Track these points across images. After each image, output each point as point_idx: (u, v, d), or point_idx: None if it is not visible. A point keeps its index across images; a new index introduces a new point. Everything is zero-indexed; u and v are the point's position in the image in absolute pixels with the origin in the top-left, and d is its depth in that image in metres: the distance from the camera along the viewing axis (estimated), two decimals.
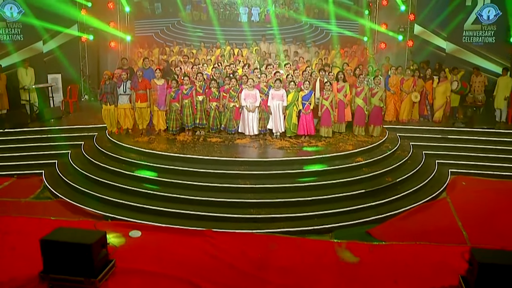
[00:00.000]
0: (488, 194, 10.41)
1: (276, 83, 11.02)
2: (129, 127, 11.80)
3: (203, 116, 11.38)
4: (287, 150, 10.35)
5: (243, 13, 21.74)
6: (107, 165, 10.12)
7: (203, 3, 21.35)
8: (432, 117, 13.86)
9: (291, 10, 21.17)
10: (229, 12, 21.49)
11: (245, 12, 21.74)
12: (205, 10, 21.33)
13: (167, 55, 17.44)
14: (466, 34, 14.97)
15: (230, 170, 9.34)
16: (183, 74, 12.07)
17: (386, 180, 9.82)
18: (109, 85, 11.50)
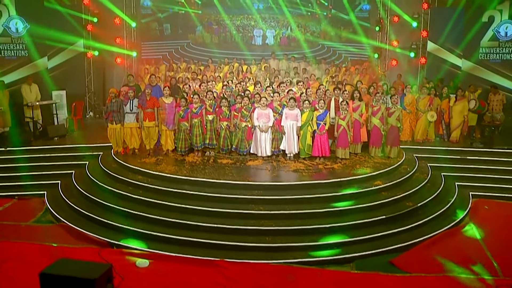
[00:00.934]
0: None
1: (290, 102, 10.56)
2: (135, 147, 11.32)
3: (213, 136, 10.91)
4: (302, 173, 9.84)
5: (257, 36, 21.22)
6: (113, 187, 9.63)
7: (214, 25, 20.95)
8: (448, 137, 13.40)
9: (308, 33, 20.75)
10: (242, 34, 21.02)
11: (259, 35, 21.23)
12: (217, 32, 20.92)
13: (174, 72, 17.02)
14: (482, 51, 14.57)
15: (243, 194, 8.82)
16: (192, 92, 11.60)
17: (407, 205, 9.29)
18: (115, 103, 11.06)
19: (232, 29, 20.91)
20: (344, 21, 20.51)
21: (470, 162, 12.16)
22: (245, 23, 20.96)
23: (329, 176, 9.70)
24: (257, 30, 21.24)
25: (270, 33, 21.26)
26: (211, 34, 20.99)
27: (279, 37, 20.87)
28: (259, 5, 20.84)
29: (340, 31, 20.31)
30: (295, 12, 20.90)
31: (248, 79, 14.56)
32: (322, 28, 20.74)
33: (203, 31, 21.12)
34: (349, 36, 19.96)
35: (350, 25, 20.36)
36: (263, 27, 21.07)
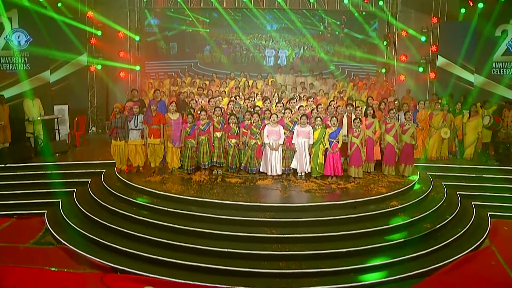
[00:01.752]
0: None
1: (302, 119, 10.17)
2: (140, 165, 10.90)
3: (221, 154, 10.50)
4: (315, 193, 9.40)
5: (268, 56, 20.69)
6: (116, 207, 9.18)
7: (223, 44, 20.51)
8: (461, 154, 12.98)
9: (322, 53, 20.39)
10: (253, 54, 20.56)
11: (271, 55, 20.70)
12: (226, 51, 20.43)
13: (178, 86, 16.68)
14: (495, 66, 14.19)
15: (254, 217, 8.37)
16: (199, 108, 11.21)
17: (425, 227, 8.84)
18: (120, 118, 10.67)
19: (251, 48, 20.31)
20: (357, 41, 20.16)
21: (485, 180, 11.74)
22: (255, 42, 20.46)
23: (343, 196, 9.26)
24: (268, 50, 20.57)
25: (282, 53, 20.79)
26: (220, 54, 20.49)
27: (292, 57, 20.34)
28: (273, 25, 20.45)
29: (354, 50, 19.95)
30: (310, 33, 20.54)
31: (255, 95, 14.20)
32: (335, 48, 20.34)
33: (211, 50, 20.51)
34: (364, 56, 19.61)
35: (364, 44, 20.05)
36: (276, 47, 20.61)
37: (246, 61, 20.24)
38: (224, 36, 20.62)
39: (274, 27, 20.51)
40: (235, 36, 20.53)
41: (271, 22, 20.27)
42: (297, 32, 19.96)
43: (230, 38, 20.63)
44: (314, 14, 19.90)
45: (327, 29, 20.58)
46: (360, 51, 19.90)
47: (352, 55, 20.04)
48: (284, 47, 20.67)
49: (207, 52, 20.66)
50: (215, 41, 20.30)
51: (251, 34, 20.22)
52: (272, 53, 20.70)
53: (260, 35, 20.46)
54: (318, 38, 20.26)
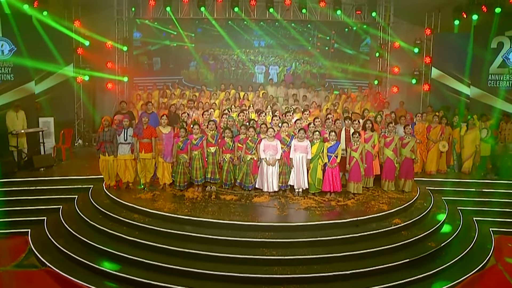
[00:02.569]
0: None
1: (300, 133, 9.78)
2: (129, 181, 10.40)
3: (215, 170, 10.06)
4: (315, 211, 8.99)
5: (259, 73, 20.15)
6: (105, 227, 8.67)
7: (210, 60, 19.94)
8: (459, 168, 12.72)
9: (315, 69, 20.08)
10: (242, 71, 20.07)
11: (261, 72, 20.12)
12: (213, 68, 19.85)
13: (168, 98, 16.25)
14: (492, 78, 14.00)
15: (252, 237, 7.91)
16: (192, 122, 10.77)
17: (429, 245, 8.48)
18: (108, 132, 10.17)
19: (246, 63, 19.71)
20: (348, 56, 19.90)
21: (485, 195, 11.48)
22: (243, 58, 19.98)
23: (344, 214, 8.87)
24: (258, 67, 20.06)
25: (273, 69, 20.34)
26: (207, 71, 19.88)
27: (283, 74, 19.88)
28: (261, 41, 20.04)
29: (346, 65, 19.70)
30: (298, 49, 20.17)
31: (247, 107, 13.82)
32: (327, 64, 20.04)
33: (197, 66, 19.76)
34: (357, 69, 19.37)
35: (355, 60, 19.82)
36: (266, 63, 20.13)
37: (235, 77, 19.57)
38: (210, 51, 20.00)
39: (263, 43, 20.08)
40: (221, 51, 20.03)
41: (259, 39, 19.85)
42: (286, 48, 19.61)
43: (217, 54, 20.04)
44: (302, 31, 19.63)
45: (316, 45, 20.30)
46: (351, 66, 19.63)
47: (344, 70, 19.77)
48: (275, 63, 20.26)
49: (193, 68, 19.97)
50: (201, 57, 19.73)
51: (238, 49, 19.77)
52: (262, 69, 20.17)
53: (248, 51, 20.04)
54: (306, 54, 19.95)
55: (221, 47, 19.73)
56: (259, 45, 19.94)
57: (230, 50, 19.83)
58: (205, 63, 19.74)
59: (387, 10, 17.55)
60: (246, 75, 20.03)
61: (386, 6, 17.56)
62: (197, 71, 19.81)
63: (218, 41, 19.53)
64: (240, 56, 19.77)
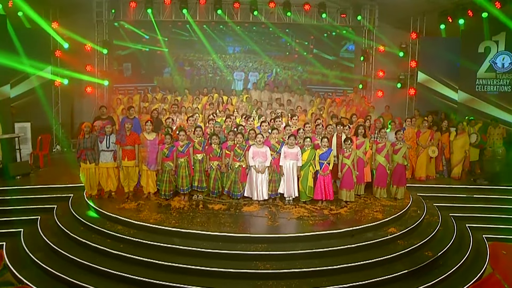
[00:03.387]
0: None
1: (290, 139, 9.44)
2: (112, 190, 9.91)
3: (202, 178, 9.65)
4: (308, 220, 8.65)
5: (237, 80, 19.54)
6: (87, 239, 8.17)
7: (186, 66, 19.25)
8: (448, 173, 12.55)
9: (295, 76, 19.78)
10: (220, 77, 19.53)
11: (240, 79, 19.50)
12: (189, 74, 19.18)
13: (149, 103, 15.76)
14: (479, 82, 13.89)
15: (245, 250, 7.51)
16: (178, 128, 10.34)
17: (425, 254, 8.23)
18: (89, 139, 9.67)
19: (208, 72, 19.02)
20: (328, 62, 19.64)
21: (476, 201, 11.34)
22: (221, 64, 19.18)
23: (338, 224, 8.54)
24: (237, 73, 19.61)
25: (253, 76, 19.86)
26: (182, 78, 19.00)
27: (263, 80, 19.39)
28: (236, 47, 19.53)
29: (327, 70, 19.45)
30: (276, 55, 19.75)
31: (232, 112, 13.46)
32: (308, 70, 19.74)
33: (172, 73, 18.96)
34: (342, 74, 19.16)
35: (336, 65, 19.59)
36: (245, 69, 19.61)
37: (212, 84, 18.82)
38: (185, 56, 19.33)
39: (238, 49, 19.61)
40: (196, 57, 19.42)
41: (234, 44, 19.34)
42: (262, 54, 19.09)
43: (191, 59, 19.45)
44: (278, 37, 19.30)
45: (294, 50, 19.99)
46: (333, 72, 19.38)
47: (325, 75, 19.52)
48: (255, 70, 19.78)
49: (167, 75, 19.26)
50: (176, 63, 19.10)
51: (215, 55, 19.18)
52: (241, 76, 19.67)
53: (225, 56, 19.51)
54: (285, 59, 19.61)
55: (195, 53, 19.12)
56: (233, 51, 19.45)
57: (205, 55, 19.26)
58: (180, 70, 19.08)
59: (372, 14, 17.40)
60: (224, 82, 19.43)
61: (371, 10, 17.42)
62: (172, 78, 19.09)
63: (190, 46, 18.93)
64: (217, 61, 19.23)
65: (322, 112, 15.30)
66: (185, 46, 18.93)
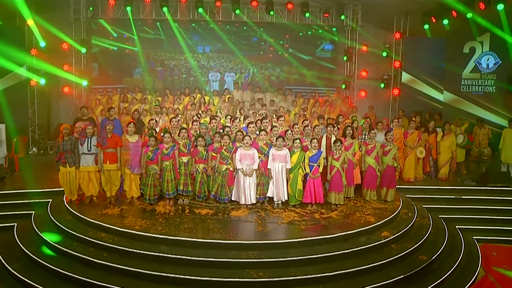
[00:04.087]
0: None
1: (278, 141, 9.15)
2: (93, 195, 9.48)
3: (187, 181, 9.30)
4: (299, 225, 8.35)
5: (213, 80, 18.89)
6: (69, 248, 7.73)
7: (158, 66, 18.56)
8: (435, 174, 12.45)
9: (273, 77, 19.44)
10: (195, 78, 18.96)
11: (215, 79, 18.92)
12: (161, 75, 18.47)
13: (129, 103, 15.30)
14: (464, 83, 13.85)
15: (236, 257, 7.17)
16: (163, 130, 9.96)
17: (420, 258, 8.05)
18: (69, 141, 9.22)
19: (181, 72, 18.18)
20: (305, 61, 19.32)
21: (465, 202, 11.30)
22: (194, 64, 18.40)
23: (331, 228, 8.28)
24: (213, 74, 19.04)
25: (229, 77, 19.40)
26: (154, 79, 18.14)
27: (240, 81, 18.98)
28: (206, 47, 18.98)
29: (305, 70, 19.16)
30: (250, 54, 19.21)
31: (215, 113, 13.14)
32: (285, 70, 19.39)
33: (143, 73, 18.02)
34: (315, 74, 18.89)
35: (313, 65, 19.32)
36: (221, 70, 19.06)
37: (186, 85, 18.10)
38: (155, 55, 18.54)
39: (208, 49, 19.09)
40: (167, 56, 18.78)
41: (203, 44, 18.71)
42: (238, 53, 18.57)
43: (162, 59, 18.72)
44: (249, 36, 18.93)
45: (269, 49, 19.64)
46: (310, 72, 19.09)
47: (303, 76, 19.24)
48: (231, 70, 19.33)
49: (138, 76, 18.38)
50: (147, 63, 18.34)
51: (187, 54, 18.60)
52: (217, 76, 19.13)
53: (197, 55, 18.94)
54: (259, 59, 19.25)
55: (162, 52, 18.48)
56: (203, 51, 18.93)
57: (177, 55, 18.67)
58: (151, 70, 18.41)
59: (355, 13, 17.26)
60: (199, 83, 18.68)
61: (354, 10, 17.27)
62: (143, 79, 18.21)
63: (158, 45, 18.30)
64: (190, 61, 18.59)
65: (305, 113, 15.08)
66: (153, 45, 18.22)
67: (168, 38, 17.96)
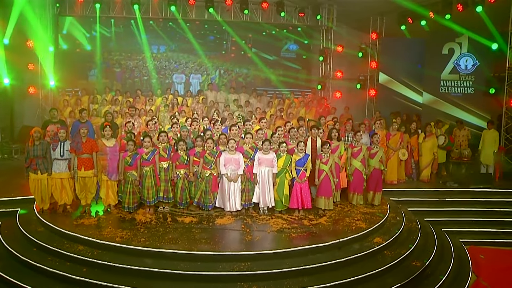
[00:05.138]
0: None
1: (265, 144, 8.76)
2: (67, 203, 8.83)
3: (168, 188, 8.78)
4: (290, 233, 7.95)
5: (177, 83, 18.11)
6: (42, 263, 7.09)
7: (116, 67, 17.58)
8: (417, 176, 12.32)
9: (240, 78, 18.98)
10: (157, 80, 17.99)
11: (180, 82, 18.18)
12: (119, 77, 17.52)
13: (98, 104, 14.64)
14: (443, 84, 13.80)
15: (227, 270, 6.71)
16: (142, 133, 9.41)
17: (414, 265, 7.82)
18: (40, 146, 8.55)
19: (143, 74, 17.18)
20: (269, 62, 18.88)
21: (449, 204, 11.19)
22: (150, 65, 17.49)
23: (323, 236, 7.91)
24: (177, 76, 18.28)
25: (195, 79, 18.74)
26: (112, 81, 17.19)
27: (207, 83, 18.27)
28: (160, 47, 18.17)
29: (270, 71, 18.77)
30: (211, 54, 18.62)
31: (192, 115, 12.66)
32: (252, 71, 18.91)
33: (99, 76, 16.95)
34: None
35: (278, 65, 18.96)
36: (186, 71, 18.28)
37: (148, 88, 17.43)
38: (110, 56, 17.52)
39: (163, 49, 18.36)
40: (124, 57, 17.86)
41: (157, 43, 17.87)
42: (201, 53, 17.82)
43: (120, 59, 17.80)
44: (205, 35, 18.38)
45: (231, 49, 19.15)
46: (275, 73, 18.73)
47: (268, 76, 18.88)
48: (197, 71, 18.69)
49: (93, 78, 17.33)
50: (103, 63, 17.43)
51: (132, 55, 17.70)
52: (181, 78, 18.52)
53: (156, 55, 18.15)
54: (221, 59, 18.74)
55: (121, 52, 17.55)
56: (158, 50, 18.19)
57: (133, 55, 17.87)
58: (109, 71, 17.50)
59: (331, 13, 17.04)
60: (162, 85, 17.92)
61: (330, 9, 17.04)
62: (99, 82, 17.15)
63: (115, 44, 17.45)
64: (148, 62, 17.75)
65: (282, 114, 14.75)
66: (108, 43, 17.34)
67: (125, 37, 17.03)
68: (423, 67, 14.15)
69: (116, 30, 16.82)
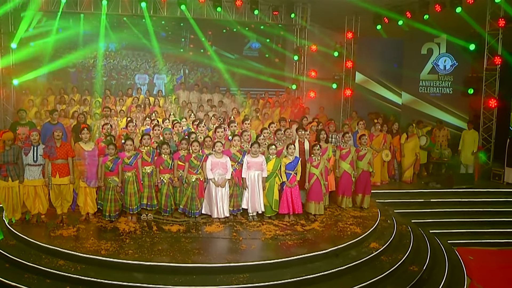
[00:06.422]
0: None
1: (254, 147, 8.34)
2: (41, 212, 8.15)
3: (152, 194, 8.24)
4: (285, 240, 7.55)
5: (140, 84, 17.16)
6: (17, 282, 6.41)
7: (70, 67, 16.36)
8: (400, 177, 12.20)
9: (206, 78, 18.41)
10: (117, 81, 17.11)
11: (143, 83, 17.28)
12: (74, 78, 16.29)
13: (66, 105, 13.88)
14: (422, 84, 13.76)
15: (225, 283, 6.24)
16: (124, 136, 8.82)
17: (412, 270, 7.60)
18: (11, 151, 7.85)
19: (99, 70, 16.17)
20: (231, 60, 18.34)
21: (433, 205, 11.13)
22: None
23: (319, 242, 7.57)
24: (140, 76, 17.41)
25: (159, 79, 18.01)
26: (66, 82, 16.14)
27: (172, 84, 17.61)
28: (110, 44, 17.23)
29: (234, 69, 18.23)
30: (168, 52, 17.63)
31: (169, 115, 12.13)
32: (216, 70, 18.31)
33: (49, 77, 15.72)
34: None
35: (241, 64, 18.49)
36: (150, 72, 17.39)
37: (110, 88, 16.39)
38: (58, 53, 15.94)
39: (112, 46, 17.47)
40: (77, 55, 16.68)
41: (106, 41, 16.44)
42: (157, 52, 16.69)
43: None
44: (159, 31, 17.69)
45: (189, 47, 18.52)
46: (239, 70, 18.23)
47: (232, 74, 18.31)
48: (161, 72, 17.98)
49: (43, 80, 15.91)
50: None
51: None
52: (144, 79, 17.76)
53: (108, 53, 17.13)
54: (178, 57, 18.05)
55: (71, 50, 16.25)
56: (108, 48, 17.30)
57: (86, 53, 16.79)
58: (61, 72, 16.25)
59: (305, 12, 16.78)
60: (123, 87, 16.98)
61: (304, 8, 16.77)
62: (50, 83, 15.92)
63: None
64: (98, 60, 16.75)
65: (258, 114, 14.39)
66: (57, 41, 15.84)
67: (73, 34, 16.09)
68: (402, 67, 14.07)
69: (63, 25, 15.67)
